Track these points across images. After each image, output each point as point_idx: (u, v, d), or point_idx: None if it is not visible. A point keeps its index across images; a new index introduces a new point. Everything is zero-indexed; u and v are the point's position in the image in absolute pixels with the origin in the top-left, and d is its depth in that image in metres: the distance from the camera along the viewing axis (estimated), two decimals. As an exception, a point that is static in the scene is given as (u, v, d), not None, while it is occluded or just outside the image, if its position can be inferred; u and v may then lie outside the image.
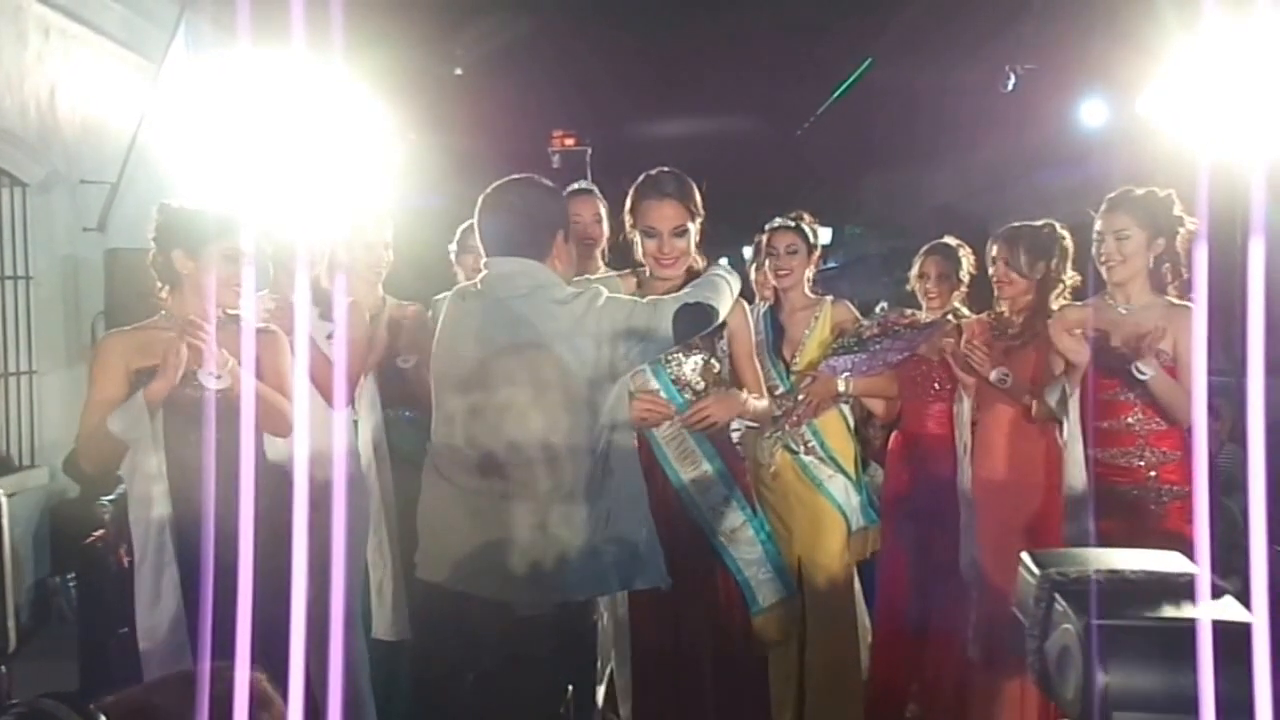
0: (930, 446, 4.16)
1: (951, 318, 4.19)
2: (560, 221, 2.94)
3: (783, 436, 3.97)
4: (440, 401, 2.93)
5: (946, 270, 4.32)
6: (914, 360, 4.14)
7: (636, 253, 3.39)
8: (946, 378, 4.13)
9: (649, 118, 14.42)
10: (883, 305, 4.33)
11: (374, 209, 3.95)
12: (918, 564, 4.20)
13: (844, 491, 4.04)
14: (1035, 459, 3.79)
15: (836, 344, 4.03)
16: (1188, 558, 2.01)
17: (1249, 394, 1.44)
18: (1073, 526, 3.49)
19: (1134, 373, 3.32)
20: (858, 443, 4.27)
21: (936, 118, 13.41)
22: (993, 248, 3.93)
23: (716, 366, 3.31)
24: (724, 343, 3.33)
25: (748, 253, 4.73)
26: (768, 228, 4.16)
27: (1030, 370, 3.78)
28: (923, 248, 4.43)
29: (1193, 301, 3.41)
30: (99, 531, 4.54)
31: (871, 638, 4.28)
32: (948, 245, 4.38)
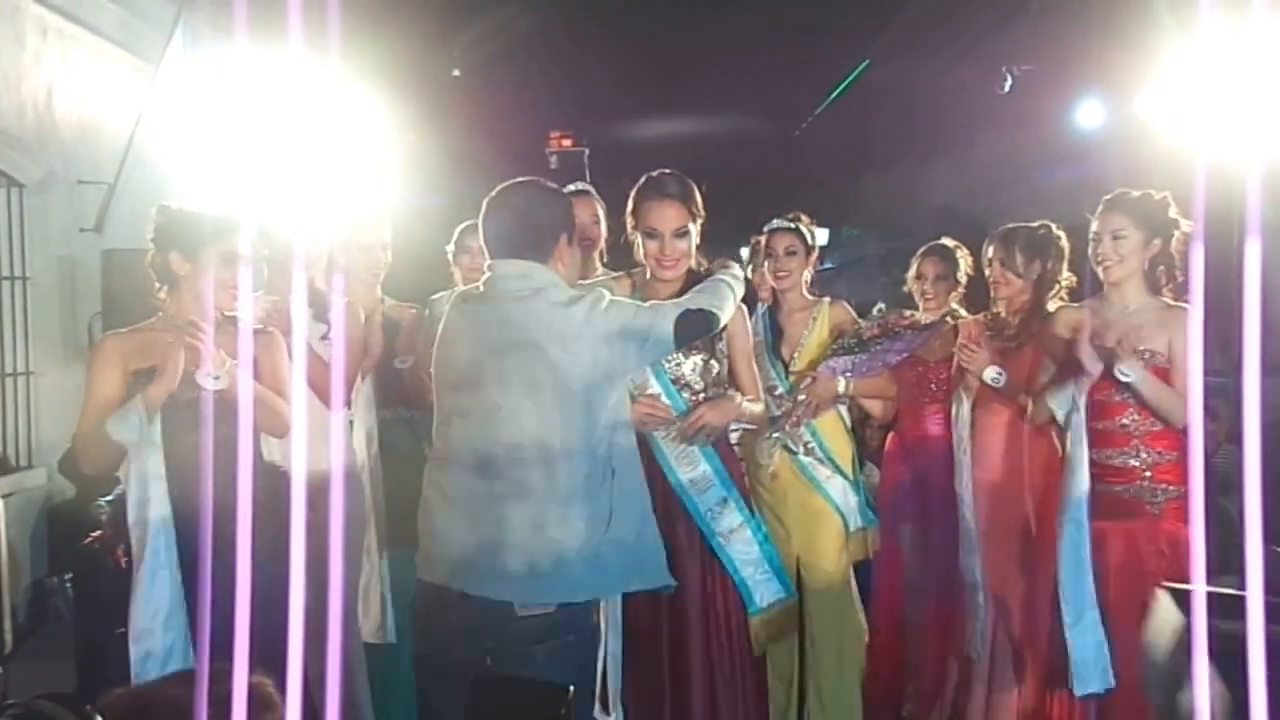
0: (927, 447, 4.17)
1: (949, 319, 4.20)
2: (564, 224, 2.92)
3: (782, 437, 3.97)
4: (441, 403, 2.93)
5: (944, 271, 4.32)
6: (911, 361, 4.15)
7: (636, 254, 3.39)
8: (944, 379, 4.13)
9: (647, 118, 14.41)
10: (880, 306, 4.33)
11: (372, 210, 3.96)
12: (914, 564, 4.21)
13: (842, 492, 4.05)
14: (1032, 460, 3.79)
15: (836, 345, 4.04)
16: (1183, 558, 2.01)
17: (1245, 394, 1.44)
18: (1072, 540, 3.48)
19: (1118, 376, 3.33)
20: (855, 443, 4.27)
21: (934, 119, 13.43)
22: (988, 249, 3.94)
23: (716, 367, 3.32)
24: (723, 344, 3.33)
25: (744, 253, 4.72)
26: (766, 229, 4.16)
27: (1026, 371, 3.79)
28: (920, 249, 4.43)
29: (1188, 303, 3.42)
30: (97, 532, 4.54)
31: (868, 638, 4.29)
32: (945, 246, 4.38)
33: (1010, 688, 3.80)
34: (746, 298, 3.39)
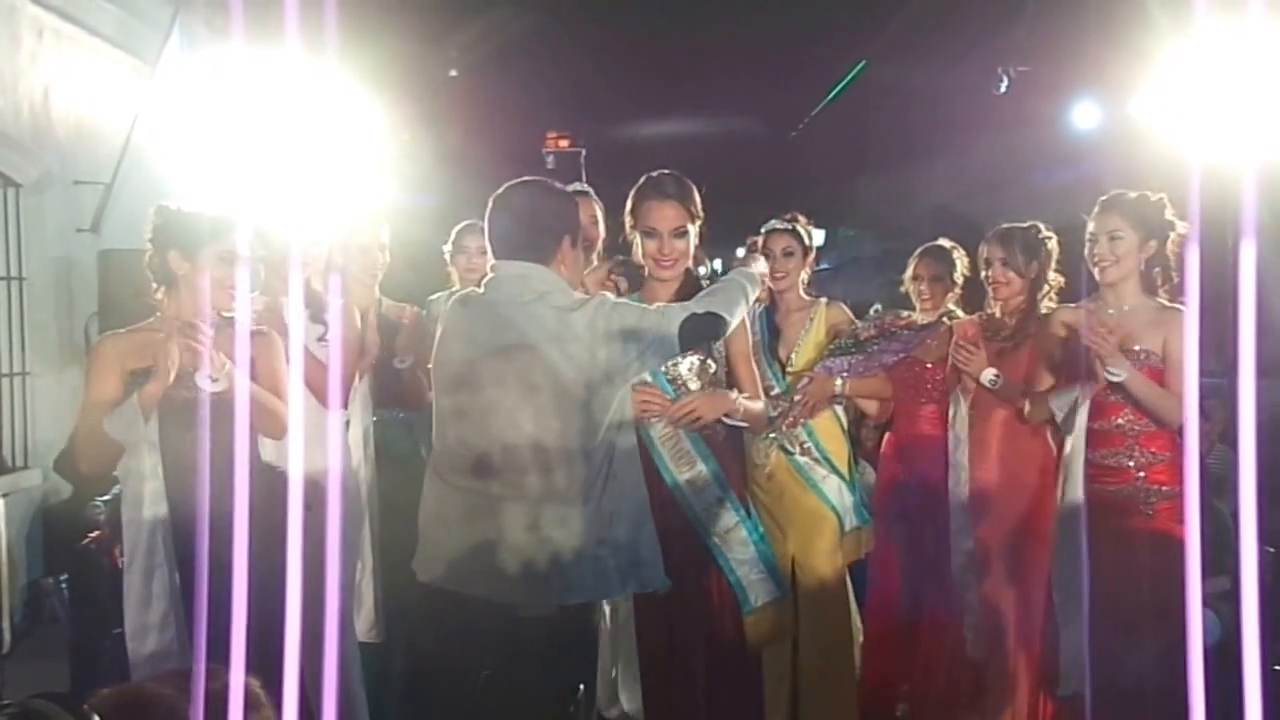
0: (923, 447, 4.17)
1: (946, 319, 4.20)
2: (568, 226, 2.91)
3: (778, 437, 3.97)
4: (440, 405, 2.92)
5: (940, 272, 4.33)
6: (908, 362, 4.16)
7: (635, 254, 3.39)
8: (940, 379, 4.14)
9: (643, 119, 14.42)
10: (877, 307, 4.34)
11: (370, 210, 3.95)
12: (909, 564, 4.22)
13: (838, 492, 4.05)
14: (1028, 460, 3.80)
15: (833, 345, 4.04)
16: (1178, 557, 2.00)
17: (1240, 395, 1.44)
18: (1067, 540, 3.49)
19: (1107, 376, 3.33)
20: (850, 443, 4.27)
21: (930, 120, 13.44)
22: (987, 249, 3.94)
23: (713, 367, 3.31)
24: (720, 344, 3.33)
25: (741, 254, 4.72)
26: (763, 230, 4.16)
27: (1023, 371, 3.80)
28: (917, 249, 4.44)
29: (1184, 304, 3.42)
30: (95, 533, 4.54)
31: (863, 637, 4.29)
32: (942, 247, 4.39)
33: (1005, 687, 3.80)
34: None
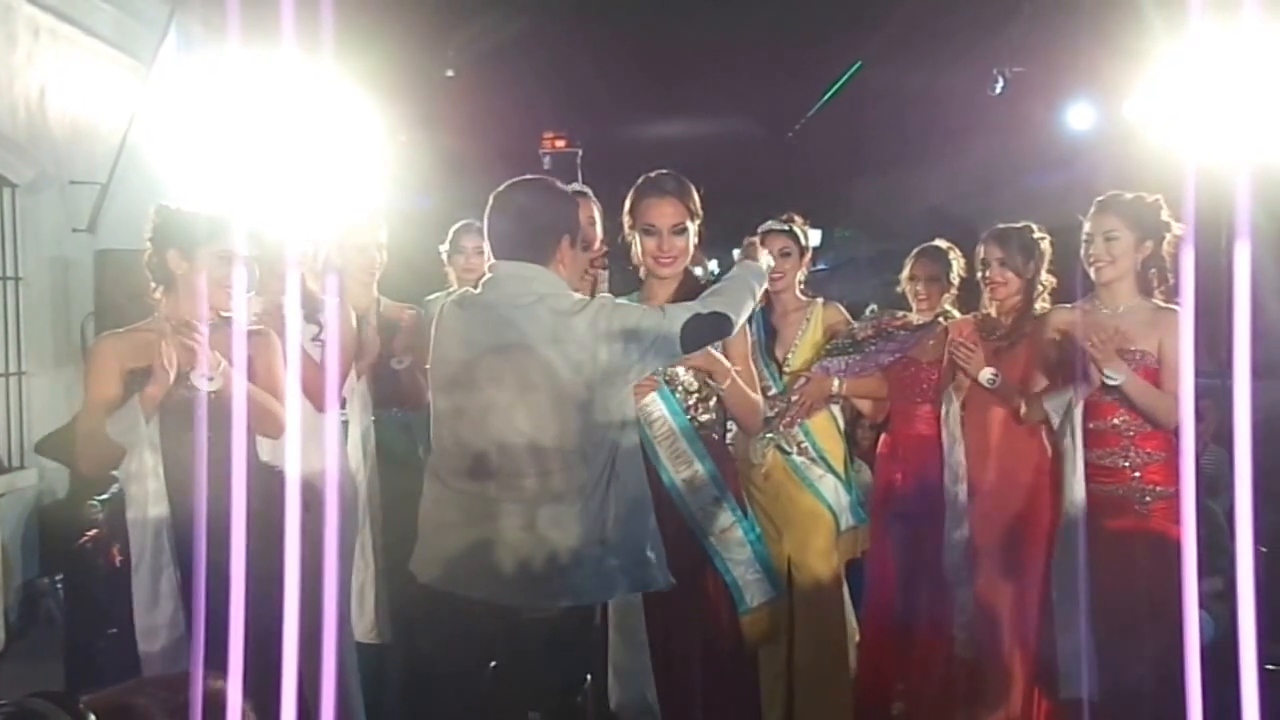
0: (919, 447, 4.18)
1: (942, 320, 4.21)
2: (568, 226, 2.88)
3: (775, 437, 3.98)
4: (438, 406, 2.90)
5: (936, 273, 4.34)
6: (904, 362, 4.17)
7: (633, 253, 3.38)
8: (936, 379, 4.15)
9: (639, 120, 14.40)
10: (873, 307, 4.35)
11: (367, 210, 3.95)
12: (905, 564, 4.22)
13: (834, 491, 4.06)
14: (1024, 460, 3.81)
15: (830, 345, 4.05)
16: (1173, 557, 2.01)
17: (1235, 396, 1.45)
18: (1068, 543, 3.50)
19: (1105, 380, 3.34)
20: (846, 442, 4.28)
21: (926, 121, 13.43)
22: (983, 249, 3.95)
23: None
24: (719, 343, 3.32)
25: (737, 255, 4.72)
26: (760, 230, 4.15)
27: (1019, 371, 3.81)
28: (913, 250, 4.45)
29: (1179, 305, 3.43)
30: (92, 532, 4.53)
31: (859, 636, 4.30)
32: (938, 248, 4.40)
33: (1000, 687, 3.81)
34: None
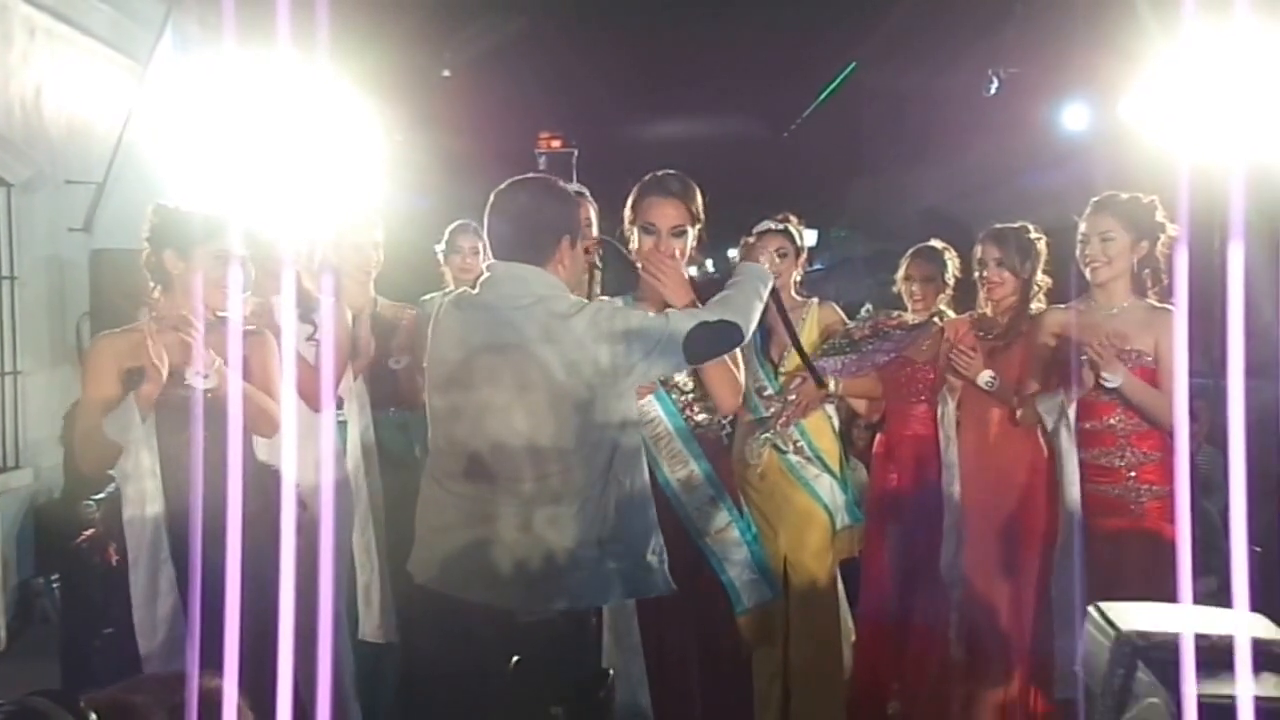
0: (915, 447, 4.19)
1: (937, 320, 4.22)
2: (567, 226, 2.81)
3: (771, 437, 3.98)
4: (434, 407, 2.85)
5: (932, 273, 4.34)
6: (900, 361, 4.17)
7: (631, 253, 3.35)
8: (931, 379, 4.15)
9: (635, 120, 14.42)
10: (868, 307, 4.35)
11: (363, 209, 3.95)
12: (901, 563, 4.23)
13: (830, 490, 4.06)
14: (1019, 460, 3.82)
15: (826, 345, 4.05)
16: (1168, 557, 2.00)
17: (1230, 396, 1.45)
18: (1065, 544, 3.51)
19: (1101, 382, 3.35)
20: (842, 442, 4.29)
21: (921, 121, 13.47)
22: (980, 249, 3.95)
23: None
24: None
25: (733, 254, 4.73)
26: (756, 230, 4.16)
27: (1015, 371, 3.81)
28: (909, 250, 4.45)
29: (1173, 305, 3.44)
30: (88, 531, 4.52)
31: (854, 635, 4.30)
32: (933, 248, 4.41)
33: (995, 686, 3.82)
34: None
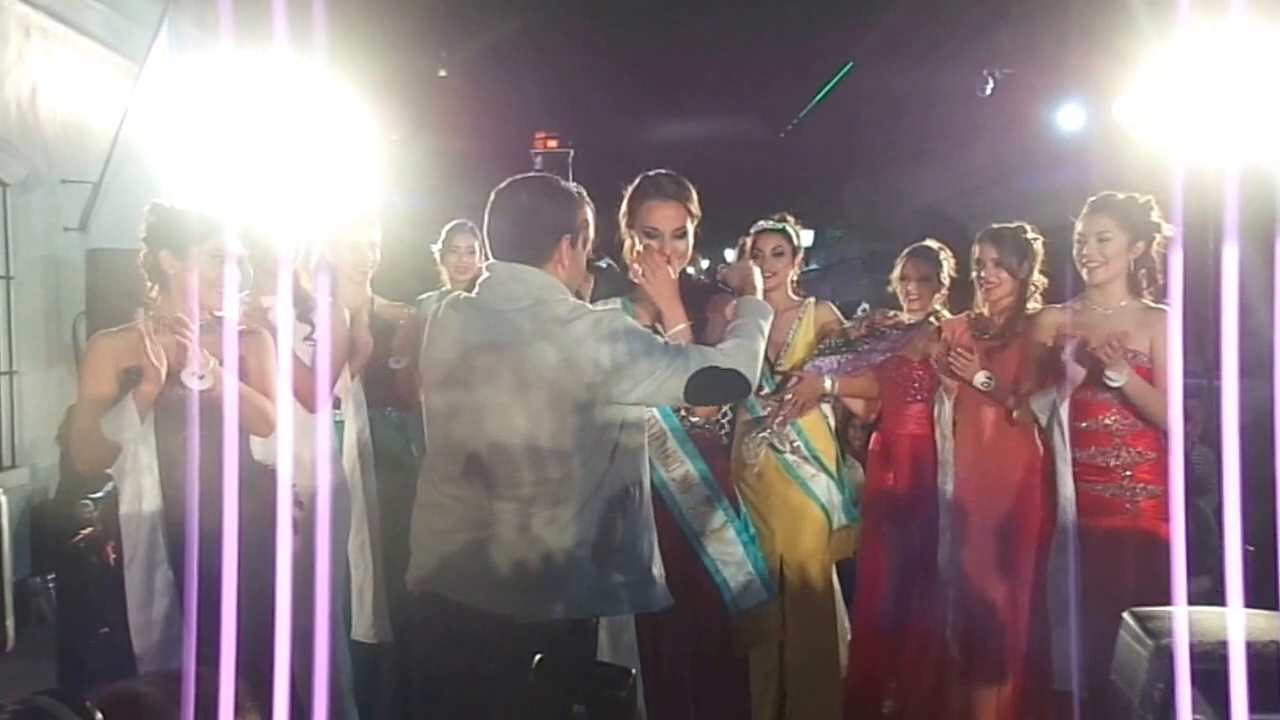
0: (910, 447, 4.20)
1: (933, 319, 4.23)
2: (568, 226, 2.75)
3: (768, 436, 3.98)
4: (432, 408, 2.82)
5: (927, 272, 4.35)
6: (895, 361, 4.18)
7: (627, 255, 3.33)
8: (927, 378, 4.16)
9: (631, 120, 14.44)
10: (864, 306, 4.36)
11: (360, 209, 3.95)
12: (897, 562, 4.24)
13: (827, 490, 4.07)
14: (1015, 459, 3.82)
15: (822, 344, 4.05)
16: (1163, 556, 2.01)
17: (1224, 396, 1.46)
18: (1059, 544, 3.52)
19: (1106, 382, 3.36)
20: (838, 441, 4.30)
21: (916, 122, 13.48)
22: (978, 249, 3.96)
23: None
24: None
25: (729, 254, 4.75)
26: (753, 230, 4.16)
27: (1011, 371, 3.82)
28: (904, 250, 4.46)
29: (1168, 305, 3.46)
30: (86, 530, 4.52)
31: (850, 635, 4.31)
32: (928, 248, 4.41)
33: (991, 684, 3.83)
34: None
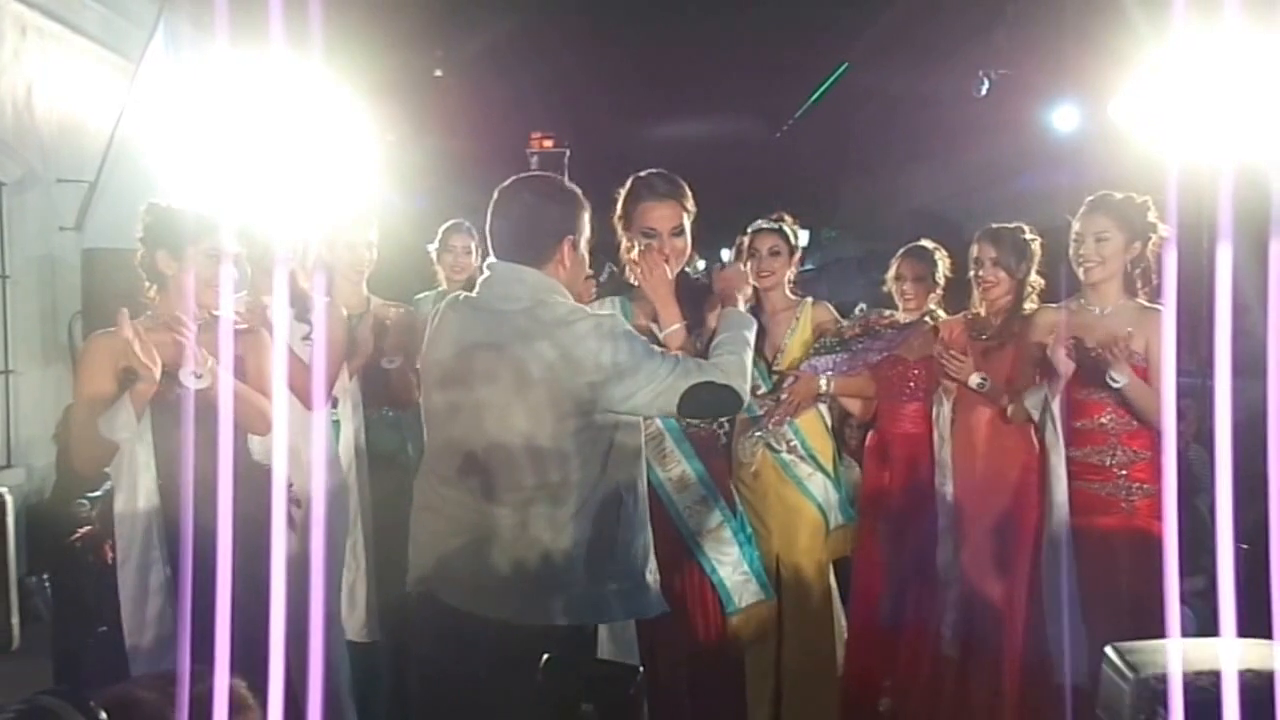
0: (907, 445, 4.20)
1: (929, 319, 4.24)
2: (569, 226, 2.74)
3: (764, 435, 3.99)
4: (430, 408, 2.80)
5: (923, 272, 4.36)
6: (890, 360, 4.18)
7: (624, 255, 3.34)
8: (923, 377, 4.17)
9: (627, 120, 14.45)
10: (862, 306, 4.37)
11: (356, 209, 3.96)
12: (893, 561, 4.24)
13: (823, 489, 4.07)
14: (1011, 459, 3.83)
15: (818, 344, 4.06)
16: (1157, 554, 2.00)
17: (1216, 395, 1.47)
18: (1050, 541, 3.53)
19: (1109, 382, 3.37)
20: (835, 440, 4.30)
21: (912, 122, 13.49)
22: (977, 249, 3.97)
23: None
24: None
25: (726, 255, 4.75)
26: (750, 229, 4.17)
27: (1007, 371, 3.83)
28: (899, 250, 4.47)
29: (1163, 305, 3.47)
30: (83, 530, 4.52)
31: (847, 634, 4.32)
32: (924, 248, 4.42)
33: (988, 683, 3.84)
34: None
